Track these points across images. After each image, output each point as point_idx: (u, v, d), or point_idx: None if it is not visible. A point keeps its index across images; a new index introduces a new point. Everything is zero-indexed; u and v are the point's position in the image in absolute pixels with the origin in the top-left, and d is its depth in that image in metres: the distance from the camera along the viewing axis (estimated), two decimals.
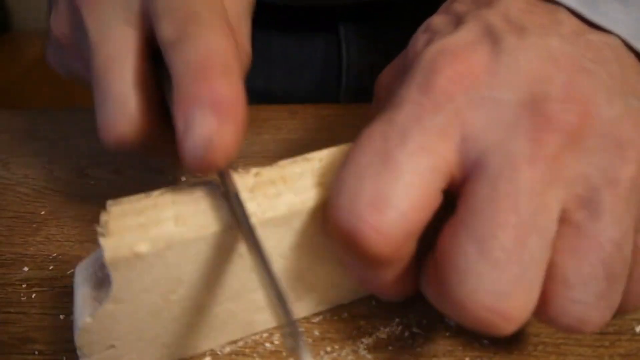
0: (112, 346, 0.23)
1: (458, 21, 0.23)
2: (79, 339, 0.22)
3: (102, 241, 0.20)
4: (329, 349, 0.25)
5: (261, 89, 0.57)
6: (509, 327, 0.19)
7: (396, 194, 0.19)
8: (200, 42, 0.23)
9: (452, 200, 0.21)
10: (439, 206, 0.21)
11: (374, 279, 0.22)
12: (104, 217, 0.21)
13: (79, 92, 0.28)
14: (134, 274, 0.21)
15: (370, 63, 0.54)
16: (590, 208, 0.20)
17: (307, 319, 0.26)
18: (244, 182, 0.22)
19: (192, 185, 0.22)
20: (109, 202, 0.22)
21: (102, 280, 0.23)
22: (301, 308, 0.26)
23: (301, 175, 0.23)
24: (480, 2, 0.24)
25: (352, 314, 0.27)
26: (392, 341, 0.25)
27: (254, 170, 0.23)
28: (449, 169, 0.20)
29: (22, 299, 0.28)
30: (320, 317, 0.27)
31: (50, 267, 0.30)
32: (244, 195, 0.22)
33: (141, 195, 0.22)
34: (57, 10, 0.29)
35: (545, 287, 0.20)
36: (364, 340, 0.25)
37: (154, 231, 0.21)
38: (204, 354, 0.25)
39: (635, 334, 0.25)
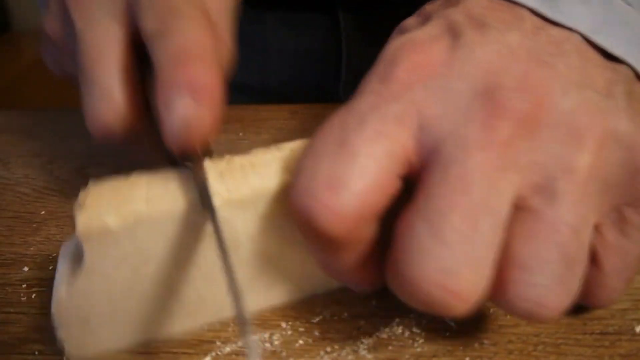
0: (87, 322, 0.24)
1: (425, 20, 0.24)
2: (55, 313, 0.23)
3: (76, 215, 0.21)
4: (328, 349, 0.25)
5: (257, 84, 0.56)
6: (460, 306, 0.19)
7: (351, 176, 0.20)
8: (179, 34, 0.25)
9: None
10: (400, 194, 0.21)
11: (334, 263, 0.22)
12: (82, 195, 0.22)
13: (78, 92, 0.29)
14: (105, 247, 0.22)
15: (371, 57, 0.53)
16: (546, 194, 0.20)
17: (306, 319, 0.26)
18: (215, 167, 0.23)
19: (168, 170, 0.24)
20: (91, 183, 0.23)
21: (79, 257, 0.23)
22: (274, 295, 0.27)
23: (270, 162, 0.24)
24: (448, 3, 0.25)
25: (352, 314, 0.27)
26: (392, 341, 0.25)
27: (227, 156, 0.24)
28: (405, 155, 0.21)
29: (22, 299, 0.28)
30: (320, 317, 0.27)
31: (50, 267, 0.30)
32: (213, 179, 0.23)
33: (120, 178, 0.23)
34: (49, 10, 0.31)
35: (502, 271, 0.20)
36: (364, 340, 0.25)
37: (125, 208, 0.22)
38: (204, 353, 0.25)
39: (635, 334, 0.25)
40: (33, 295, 0.29)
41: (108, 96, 0.27)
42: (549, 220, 0.20)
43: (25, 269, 0.30)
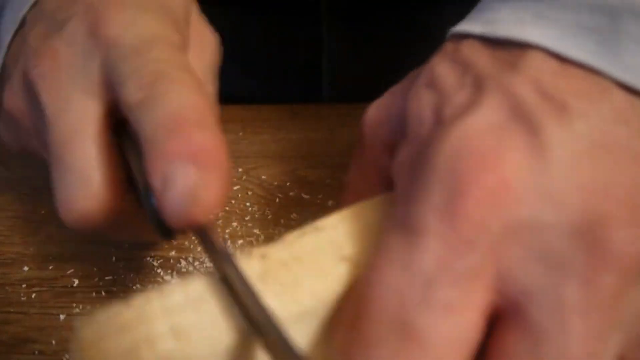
0: None
1: (475, 84, 0.18)
2: None
3: None
4: None
5: (236, 95, 0.48)
6: None
7: None
8: (170, 98, 0.21)
9: None
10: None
11: None
12: (74, 346, 0.16)
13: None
14: None
15: (353, 74, 0.49)
16: None
17: None
18: (249, 268, 0.18)
19: (184, 284, 0.17)
20: (79, 323, 0.16)
21: None
22: None
23: (317, 251, 0.18)
24: (498, 56, 0.19)
25: None
26: None
27: (257, 252, 0.18)
28: (483, 314, 0.16)
29: (22, 299, 0.28)
30: None
31: (50, 267, 0.30)
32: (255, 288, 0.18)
33: (119, 307, 0.16)
34: (10, 83, 0.27)
35: None
36: None
37: (148, 355, 0.15)
38: None
39: None
40: (33, 295, 0.29)
41: (84, 181, 0.23)
42: None
43: (25, 269, 0.30)
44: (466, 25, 0.21)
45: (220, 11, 0.50)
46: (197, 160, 0.20)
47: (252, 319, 0.16)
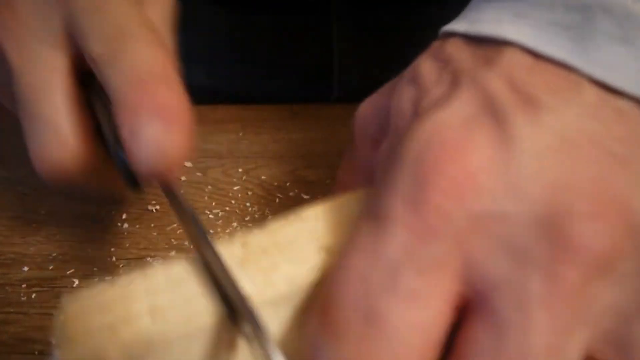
0: None
1: (452, 80, 0.19)
2: None
3: (59, 353, 0.16)
4: None
5: (242, 94, 0.50)
6: None
7: None
8: (135, 55, 0.23)
9: None
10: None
11: None
12: (59, 319, 0.17)
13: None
14: None
15: (364, 72, 0.49)
16: (620, 346, 0.16)
17: None
18: (230, 254, 0.18)
19: (167, 266, 0.18)
20: (65, 299, 0.17)
21: None
22: None
23: (296, 239, 0.19)
24: (477, 53, 0.19)
25: None
26: None
27: (239, 238, 0.19)
28: (450, 305, 0.16)
29: (22, 299, 0.28)
30: None
31: (50, 267, 0.30)
32: (233, 272, 0.18)
33: (105, 285, 0.17)
34: None
35: None
36: None
37: (126, 332, 0.16)
38: None
39: None
40: (33, 295, 0.29)
41: (56, 132, 0.24)
42: None
43: (25, 269, 0.30)
44: (453, 25, 0.21)
45: (227, 11, 0.50)
46: (162, 115, 0.21)
47: (228, 301, 0.17)
